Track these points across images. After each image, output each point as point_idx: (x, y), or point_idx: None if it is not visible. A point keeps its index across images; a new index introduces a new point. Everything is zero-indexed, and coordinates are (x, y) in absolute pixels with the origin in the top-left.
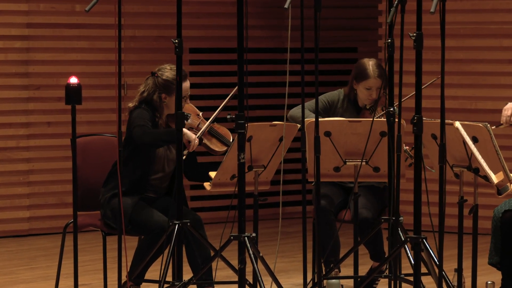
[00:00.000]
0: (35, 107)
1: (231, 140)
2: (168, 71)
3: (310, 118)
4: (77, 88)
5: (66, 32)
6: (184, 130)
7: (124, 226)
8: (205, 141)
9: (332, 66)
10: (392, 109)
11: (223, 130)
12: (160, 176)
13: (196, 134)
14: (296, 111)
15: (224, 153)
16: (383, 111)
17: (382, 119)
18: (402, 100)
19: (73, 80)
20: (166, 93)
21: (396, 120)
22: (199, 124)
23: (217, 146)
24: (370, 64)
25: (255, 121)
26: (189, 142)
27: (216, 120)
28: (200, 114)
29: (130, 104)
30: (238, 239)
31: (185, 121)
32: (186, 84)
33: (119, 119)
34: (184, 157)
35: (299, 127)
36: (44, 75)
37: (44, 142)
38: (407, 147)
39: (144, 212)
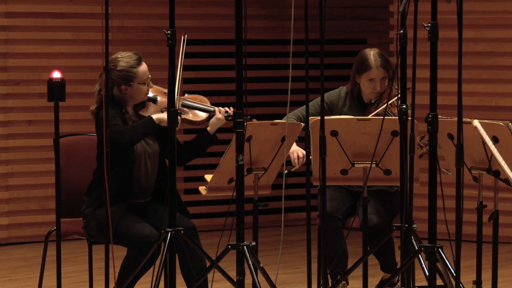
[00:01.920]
0: (14, 104)
1: (209, 105)
2: (120, 60)
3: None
4: (61, 84)
5: (48, 22)
6: (156, 116)
7: (111, 233)
8: (183, 116)
9: (339, 60)
10: (404, 106)
11: (197, 97)
12: (143, 174)
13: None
14: (289, 119)
15: (208, 119)
16: (390, 105)
17: (393, 117)
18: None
19: (56, 74)
20: (125, 84)
21: (409, 118)
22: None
23: (197, 116)
24: (371, 54)
25: (255, 119)
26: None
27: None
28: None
29: (92, 107)
30: (237, 248)
31: (155, 104)
32: (143, 68)
33: (106, 118)
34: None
35: (303, 125)
36: (24, 69)
37: (24, 142)
38: (417, 138)
39: (129, 223)
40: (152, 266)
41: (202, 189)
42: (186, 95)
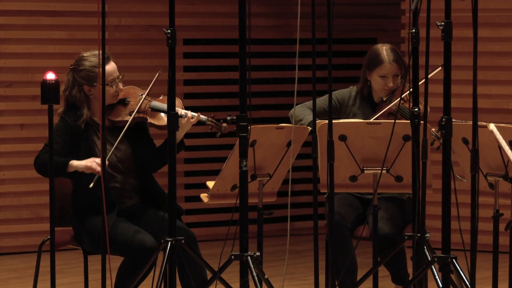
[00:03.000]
0: (6, 107)
1: (180, 108)
2: (85, 60)
3: (309, 119)
4: (55, 85)
5: (42, 20)
6: (78, 163)
7: (106, 245)
8: (150, 121)
9: (348, 60)
10: (416, 109)
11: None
12: (119, 180)
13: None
14: (298, 110)
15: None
16: (404, 100)
17: (405, 121)
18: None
19: (50, 76)
20: (88, 85)
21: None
22: (140, 104)
23: (162, 120)
24: (383, 48)
25: (259, 123)
26: (92, 169)
27: (216, 120)
28: (143, 93)
29: (60, 110)
30: (240, 259)
31: (124, 107)
32: (109, 68)
33: (103, 121)
34: (91, 186)
35: (309, 129)
36: (17, 70)
37: (16, 147)
38: (433, 129)
39: (123, 230)
40: (151, 273)
41: (203, 196)
42: (161, 97)
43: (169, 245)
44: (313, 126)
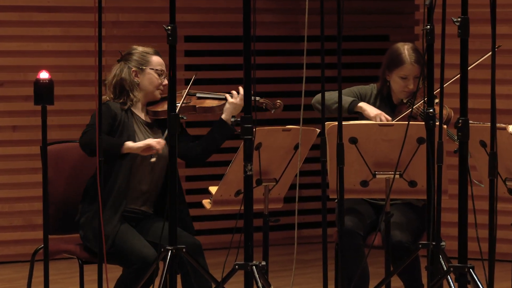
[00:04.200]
0: None
1: (224, 94)
2: (137, 47)
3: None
4: (49, 85)
5: (35, 16)
6: (129, 144)
7: (105, 252)
8: (197, 106)
9: (359, 58)
10: (431, 110)
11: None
12: (145, 177)
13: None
14: (329, 96)
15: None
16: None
17: (419, 123)
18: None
19: (44, 75)
20: (137, 68)
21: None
22: (186, 93)
23: (212, 103)
24: (405, 48)
25: (265, 124)
26: (151, 147)
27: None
28: (183, 91)
29: (104, 96)
30: (244, 269)
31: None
32: (159, 58)
33: (99, 123)
34: (153, 160)
35: (318, 132)
36: (9, 68)
37: (8, 150)
38: (451, 132)
39: (129, 238)
40: (151, 286)
41: (206, 202)
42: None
43: (169, 254)
44: (322, 128)
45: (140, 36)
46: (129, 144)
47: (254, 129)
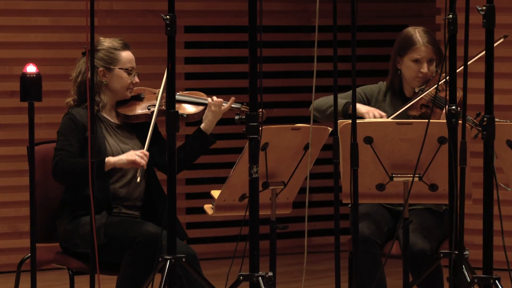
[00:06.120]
0: None
1: (206, 98)
2: (104, 41)
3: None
4: (36, 80)
5: (21, 4)
6: (115, 160)
7: (97, 253)
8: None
9: (375, 50)
10: (453, 107)
11: (192, 92)
12: (126, 183)
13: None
14: (323, 101)
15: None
16: (439, 90)
17: (440, 121)
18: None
19: (31, 68)
20: (105, 67)
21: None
22: (162, 95)
23: (191, 109)
24: (416, 30)
25: (272, 123)
26: (135, 163)
27: (222, 121)
28: (157, 91)
29: (68, 99)
30: (250, 280)
31: (140, 101)
32: (128, 54)
33: (92, 121)
34: (138, 180)
35: (330, 130)
36: None
37: None
38: (470, 117)
39: (123, 222)
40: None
41: (208, 208)
42: (179, 92)
43: (167, 264)
44: (335, 126)
45: (136, 26)
46: (111, 159)
47: (260, 128)
